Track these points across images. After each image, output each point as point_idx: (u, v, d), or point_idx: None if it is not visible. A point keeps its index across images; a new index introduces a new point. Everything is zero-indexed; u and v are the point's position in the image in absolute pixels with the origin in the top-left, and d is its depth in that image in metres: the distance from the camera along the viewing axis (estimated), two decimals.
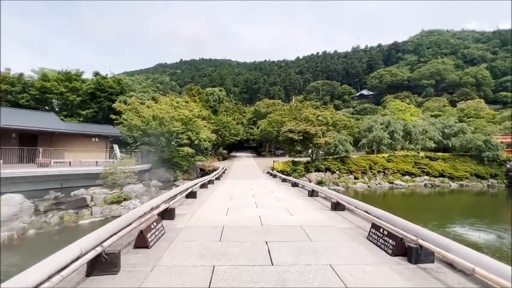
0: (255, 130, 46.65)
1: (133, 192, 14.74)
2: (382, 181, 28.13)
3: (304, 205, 7.04)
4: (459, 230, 12.12)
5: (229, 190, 10.28)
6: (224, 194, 8.91)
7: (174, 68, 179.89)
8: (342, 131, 32.04)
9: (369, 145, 33.97)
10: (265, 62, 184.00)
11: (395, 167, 29.51)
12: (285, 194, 9.49)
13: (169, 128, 20.30)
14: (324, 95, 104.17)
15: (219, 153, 42.35)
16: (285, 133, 27.02)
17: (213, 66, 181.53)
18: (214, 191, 10.22)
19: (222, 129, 38.23)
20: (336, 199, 6.38)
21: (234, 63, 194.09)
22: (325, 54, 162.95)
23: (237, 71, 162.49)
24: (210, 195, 8.64)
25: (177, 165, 22.72)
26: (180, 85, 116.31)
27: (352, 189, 26.21)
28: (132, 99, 22.51)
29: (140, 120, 19.84)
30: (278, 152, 45.24)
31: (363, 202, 5.77)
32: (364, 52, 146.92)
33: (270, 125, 39.87)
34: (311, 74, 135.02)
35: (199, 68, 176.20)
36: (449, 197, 25.49)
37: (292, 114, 40.81)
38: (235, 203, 7.13)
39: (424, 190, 27.14)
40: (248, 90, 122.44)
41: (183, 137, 21.99)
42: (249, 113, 60.63)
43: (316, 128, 26.57)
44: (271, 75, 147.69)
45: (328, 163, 27.69)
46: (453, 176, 28.99)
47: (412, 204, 21.23)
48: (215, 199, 7.86)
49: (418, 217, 14.76)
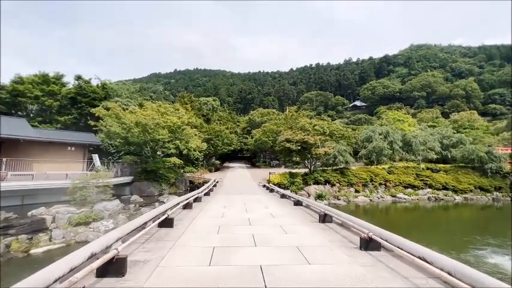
0: (249, 140, 44.83)
1: (106, 210, 12.49)
2: (384, 194, 26.49)
3: (321, 240, 5.11)
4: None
5: (218, 212, 8.22)
6: (211, 220, 6.79)
7: (168, 78, 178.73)
8: (341, 141, 30.61)
9: (367, 156, 32.52)
10: (259, 73, 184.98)
11: (396, 179, 28.00)
12: (290, 218, 7.52)
13: (154, 136, 18.24)
14: (317, 105, 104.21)
15: (211, 164, 40.16)
16: (282, 143, 25.28)
17: (207, 76, 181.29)
18: (200, 213, 8.16)
19: (215, 138, 36.27)
20: (367, 233, 4.50)
21: (228, 74, 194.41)
22: (318, 66, 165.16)
23: (231, 82, 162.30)
24: (193, 222, 6.58)
25: (163, 177, 20.49)
26: (174, 95, 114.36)
27: (353, 203, 24.46)
28: (112, 104, 20.40)
29: (121, 127, 17.71)
30: (273, 162, 43.33)
31: (414, 244, 3.90)
32: (356, 64, 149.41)
33: (264, 135, 38.19)
34: (305, 85, 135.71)
35: (193, 78, 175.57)
36: (456, 211, 23.97)
37: (287, 123, 39.36)
38: (225, 237, 5.11)
39: (428, 204, 25.58)
40: (242, 100, 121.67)
41: (170, 146, 19.92)
42: (243, 122, 59.00)
43: (314, 138, 24.97)
44: (265, 85, 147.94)
45: (327, 175, 25.93)
46: (457, 189, 27.61)
47: (426, 222, 19.48)
48: (198, 229, 5.80)
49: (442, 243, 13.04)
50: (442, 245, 12.22)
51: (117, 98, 27.56)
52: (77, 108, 26.05)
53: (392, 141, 33.01)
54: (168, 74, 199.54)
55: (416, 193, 27.00)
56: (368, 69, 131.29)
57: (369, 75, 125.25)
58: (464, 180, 28.32)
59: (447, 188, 27.65)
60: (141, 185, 19.70)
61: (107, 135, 19.15)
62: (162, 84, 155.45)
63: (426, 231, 15.94)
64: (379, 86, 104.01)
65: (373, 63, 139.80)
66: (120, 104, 24.52)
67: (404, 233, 12.19)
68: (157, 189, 20.09)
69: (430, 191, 27.48)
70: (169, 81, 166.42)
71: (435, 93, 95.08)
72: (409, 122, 46.42)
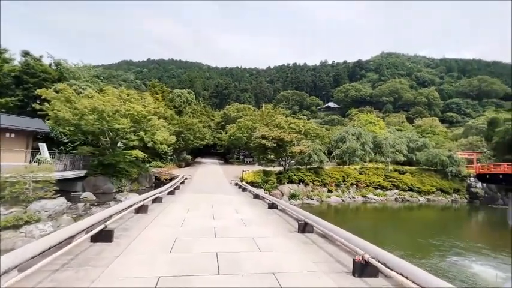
0: (224, 135, 43.21)
1: (45, 210, 10.40)
2: (356, 194, 26.81)
3: (303, 260, 4.05)
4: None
5: (178, 218, 6.82)
6: (166, 231, 5.33)
7: (141, 67, 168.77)
8: (316, 140, 30.46)
9: (340, 156, 32.87)
10: (237, 69, 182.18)
11: (367, 179, 28.54)
12: (264, 226, 6.38)
13: (113, 124, 16.03)
14: (293, 104, 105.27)
15: (181, 159, 37.95)
16: (257, 139, 24.25)
17: (182, 68, 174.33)
18: (156, 219, 6.72)
19: (186, 131, 34.15)
20: (362, 254, 3.55)
21: (205, 67, 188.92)
22: (296, 66, 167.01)
23: (207, 75, 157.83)
24: (142, 234, 5.13)
25: (123, 172, 18.31)
26: (146, 84, 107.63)
27: (326, 203, 24.34)
28: (62, 85, 17.61)
29: (72, 112, 15.26)
30: (247, 159, 42.26)
31: (421, 271, 3.01)
32: (331, 67, 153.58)
33: (239, 130, 36.92)
34: (281, 84, 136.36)
35: (168, 69, 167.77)
36: (420, 212, 24.99)
37: (263, 120, 38.49)
38: (179, 259, 3.69)
39: (395, 204, 26.40)
40: (218, 94, 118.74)
41: (132, 137, 17.80)
42: (217, 116, 57.05)
43: (291, 136, 24.30)
44: (242, 81, 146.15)
45: (301, 174, 25.50)
46: (421, 190, 28.89)
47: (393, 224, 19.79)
48: (144, 246, 4.40)
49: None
50: (410, 249, 12.16)
51: (74, 80, 24.28)
52: (23, 89, 22.40)
53: (364, 142, 33.70)
54: (140, 62, 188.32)
55: (385, 194, 27.74)
56: (342, 72, 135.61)
57: (342, 78, 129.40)
58: (427, 182, 29.76)
59: (412, 189, 28.81)
60: (96, 181, 17.36)
61: (55, 122, 16.47)
62: (133, 72, 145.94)
63: (394, 233, 16.09)
64: (352, 89, 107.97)
65: (347, 67, 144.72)
66: (76, 88, 21.64)
67: (373, 236, 11.75)
68: (116, 185, 17.90)
69: (398, 192, 28.42)
70: (142, 70, 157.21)
71: (401, 99, 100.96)
72: (379, 125, 48.22)
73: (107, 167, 17.67)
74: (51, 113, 15.64)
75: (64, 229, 4.34)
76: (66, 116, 15.03)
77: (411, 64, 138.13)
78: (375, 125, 46.94)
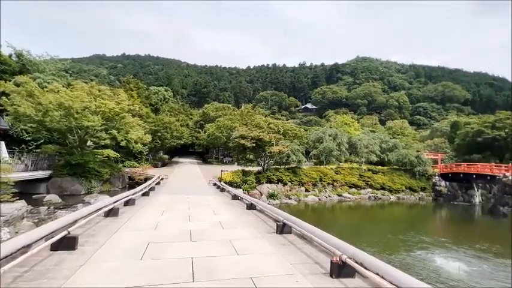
0: (202, 134, 42.41)
1: (1, 215, 9.42)
2: (332, 193, 27.62)
3: (281, 263, 3.99)
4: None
5: (152, 221, 6.45)
6: (138, 235, 5.02)
7: (115, 62, 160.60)
8: (294, 140, 30.96)
9: (318, 156, 33.69)
10: (216, 67, 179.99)
11: (343, 179, 29.51)
12: (242, 228, 6.27)
13: (82, 122, 14.99)
14: (272, 105, 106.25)
15: (157, 158, 36.64)
16: (236, 139, 24.07)
17: (160, 64, 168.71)
18: (128, 222, 6.33)
19: (163, 130, 33.02)
20: (339, 255, 3.58)
21: (183, 65, 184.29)
22: (275, 67, 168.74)
23: (186, 73, 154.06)
24: (110, 239, 4.74)
25: (94, 172, 17.21)
26: (120, 80, 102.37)
27: (303, 202, 24.79)
28: (24, 78, 16.14)
29: (35, 108, 14.02)
30: (226, 159, 41.85)
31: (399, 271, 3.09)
32: (309, 69, 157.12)
33: (218, 130, 36.47)
34: (261, 84, 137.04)
35: (144, 65, 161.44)
36: (390, 209, 26.32)
37: (243, 119, 38.40)
38: (151, 266, 3.54)
39: (368, 203, 27.57)
40: (197, 93, 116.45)
41: (104, 135, 16.80)
42: (196, 115, 55.92)
43: (270, 136, 24.45)
44: (221, 80, 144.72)
45: (280, 174, 25.75)
46: (392, 189, 30.45)
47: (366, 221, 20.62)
48: (113, 252, 4.09)
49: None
50: (381, 245, 12.74)
51: (38, 73, 22.36)
52: None
53: (340, 143, 34.84)
54: (114, 57, 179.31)
55: (359, 192, 28.86)
56: (320, 75, 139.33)
57: (320, 80, 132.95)
58: (398, 181, 31.44)
59: (384, 188, 30.28)
60: (62, 182, 16.14)
61: (15, 118, 15.04)
62: (106, 67, 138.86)
63: (366, 231, 16.74)
64: (329, 91, 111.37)
65: (324, 70, 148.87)
66: (41, 82, 19.98)
67: (348, 234, 12.14)
68: (85, 186, 16.78)
69: (371, 190, 29.70)
70: (116, 66, 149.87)
71: (375, 102, 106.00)
72: (354, 126, 50.14)
73: (75, 167, 16.48)
74: (10, 108, 14.22)
75: (19, 237, 3.91)
76: (28, 111, 13.72)
77: (384, 69, 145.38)
78: (350, 126, 48.76)
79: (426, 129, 72.09)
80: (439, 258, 10.55)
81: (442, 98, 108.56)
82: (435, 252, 11.47)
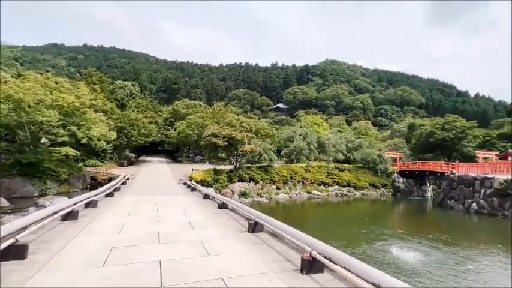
0: (172, 132, 40.91)
1: None
2: (302, 191, 28.50)
3: (253, 262, 3.97)
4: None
5: (116, 224, 5.97)
6: (100, 239, 4.62)
7: (75, 52, 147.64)
8: (266, 139, 31.31)
9: (288, 154, 34.49)
10: (187, 63, 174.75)
11: (312, 177, 30.60)
12: (213, 228, 6.15)
13: (35, 117, 13.51)
14: (244, 103, 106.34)
15: (124, 157, 34.56)
16: (208, 137, 23.65)
17: (126, 57, 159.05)
18: (88, 226, 5.86)
19: (129, 127, 31.20)
20: (309, 251, 3.68)
21: (152, 59, 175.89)
22: (248, 66, 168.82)
23: (155, 68, 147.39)
24: (68, 246, 4.25)
25: (49, 172, 15.66)
26: (81, 73, 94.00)
27: (274, 200, 25.24)
28: None
29: None
30: (197, 158, 40.89)
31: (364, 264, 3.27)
32: (281, 69, 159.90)
33: (189, 127, 35.46)
34: (233, 82, 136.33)
35: (108, 57, 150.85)
36: (355, 205, 27.97)
37: (215, 117, 37.78)
38: (114, 272, 3.28)
39: (335, 199, 29.00)
40: (167, 89, 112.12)
41: (61, 132, 15.34)
42: (165, 112, 53.78)
43: (242, 134, 24.41)
44: (193, 77, 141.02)
45: (252, 172, 25.88)
46: (357, 186, 32.35)
47: (332, 216, 21.63)
48: (70, 260, 3.69)
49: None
50: (345, 239, 13.47)
51: None
52: None
53: (310, 142, 36.03)
54: (74, 47, 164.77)
55: (327, 190, 30.19)
56: (291, 75, 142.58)
57: (291, 80, 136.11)
58: (362, 178, 33.48)
59: (350, 185, 32.05)
60: (11, 183, 14.43)
61: None
62: (65, 58, 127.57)
63: (333, 226, 17.61)
64: (300, 92, 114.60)
65: (295, 70, 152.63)
66: None
67: (316, 230, 12.65)
68: (39, 188, 15.19)
69: (338, 187, 31.25)
70: (76, 57, 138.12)
71: (342, 104, 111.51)
72: (323, 126, 52.22)
73: (26, 166, 14.80)
74: None
75: None
76: None
77: (350, 72, 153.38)
78: (319, 126, 50.69)
79: (387, 130, 77.77)
80: (397, 249, 11.46)
81: (401, 101, 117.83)
82: (393, 243, 12.44)
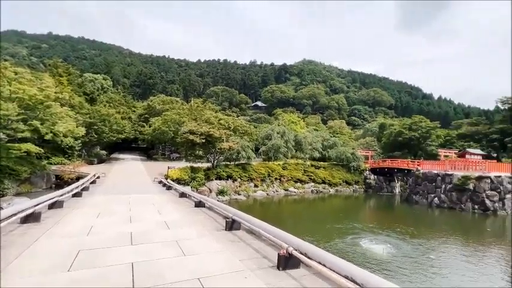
0: (147, 129, 39.35)
1: None
2: (279, 188, 28.95)
3: (230, 260, 3.94)
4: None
5: (84, 225, 5.53)
6: (66, 242, 4.29)
7: (38, 41, 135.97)
8: (244, 137, 31.28)
9: (266, 152, 34.80)
10: (164, 58, 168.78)
11: (289, 174, 31.18)
12: (189, 227, 5.99)
13: None
14: (223, 100, 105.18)
15: (93, 154, 32.64)
16: (185, 134, 23.09)
17: (97, 49, 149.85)
18: (53, 228, 5.43)
19: (100, 123, 29.48)
20: (286, 248, 3.75)
21: (125, 52, 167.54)
22: (226, 63, 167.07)
23: (128, 61, 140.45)
24: (29, 250, 3.95)
25: (7, 171, 14.33)
26: (46, 64, 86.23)
27: (252, 197, 25.37)
28: None
29: None
30: (174, 155, 39.78)
31: (338, 258, 3.39)
32: (260, 67, 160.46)
33: (165, 124, 34.38)
34: (211, 79, 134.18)
35: (77, 48, 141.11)
36: (330, 201, 29.01)
37: (192, 114, 37.04)
38: (81, 277, 3.10)
39: (311, 196, 29.84)
40: (141, 84, 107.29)
41: (22, 127, 14.06)
42: (140, 108, 51.62)
43: (220, 132, 24.15)
44: (169, 72, 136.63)
45: (230, 170, 25.76)
46: (331, 183, 33.53)
47: (307, 212, 22.23)
48: (34, 263, 3.43)
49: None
50: (320, 234, 13.96)
51: None
52: None
53: (287, 140, 36.64)
54: (37, 35, 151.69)
55: (303, 187, 30.96)
56: (269, 74, 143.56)
57: (269, 79, 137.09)
58: (336, 176, 34.77)
59: (325, 182, 33.14)
60: None
61: None
62: (27, 47, 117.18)
63: (308, 222, 18.14)
64: (278, 90, 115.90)
65: (274, 69, 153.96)
66: None
67: (292, 226, 12.97)
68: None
69: (313, 184, 32.16)
70: (40, 46, 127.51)
71: (318, 103, 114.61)
72: (300, 125, 53.32)
73: None
74: None
75: None
76: None
77: (326, 72, 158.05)
78: (296, 125, 51.68)
79: (360, 129, 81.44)
80: (367, 242, 12.09)
81: (373, 102, 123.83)
82: (364, 237, 13.10)
